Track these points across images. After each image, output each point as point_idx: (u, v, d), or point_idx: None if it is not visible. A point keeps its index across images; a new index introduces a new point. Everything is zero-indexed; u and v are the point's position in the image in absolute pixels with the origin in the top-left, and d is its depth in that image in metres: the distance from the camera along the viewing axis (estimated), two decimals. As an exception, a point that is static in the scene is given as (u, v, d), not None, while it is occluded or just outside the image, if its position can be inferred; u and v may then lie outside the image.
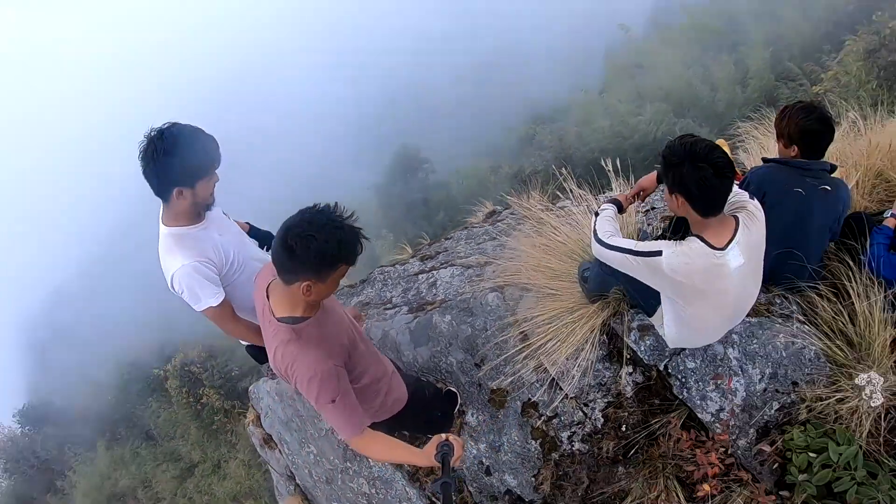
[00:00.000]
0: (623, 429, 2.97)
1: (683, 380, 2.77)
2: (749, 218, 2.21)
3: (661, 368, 2.81)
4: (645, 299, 2.58)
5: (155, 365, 19.60)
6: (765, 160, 2.85)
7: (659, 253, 2.17)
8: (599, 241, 2.37)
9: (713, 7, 20.69)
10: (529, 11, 30.42)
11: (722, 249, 2.13)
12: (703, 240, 2.15)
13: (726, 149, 3.85)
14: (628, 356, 2.91)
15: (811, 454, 2.56)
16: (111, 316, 25.66)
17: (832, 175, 2.73)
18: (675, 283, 2.24)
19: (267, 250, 2.89)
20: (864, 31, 10.36)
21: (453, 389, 3.23)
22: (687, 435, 2.63)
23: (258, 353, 2.82)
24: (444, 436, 2.01)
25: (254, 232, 3.01)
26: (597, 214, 2.54)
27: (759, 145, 4.28)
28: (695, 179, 2.05)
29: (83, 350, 24.46)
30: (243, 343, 2.86)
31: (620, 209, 2.60)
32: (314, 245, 1.76)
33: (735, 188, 2.29)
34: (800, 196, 2.64)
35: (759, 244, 2.26)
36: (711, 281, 2.19)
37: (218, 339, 17.06)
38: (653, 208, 3.81)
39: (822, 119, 2.63)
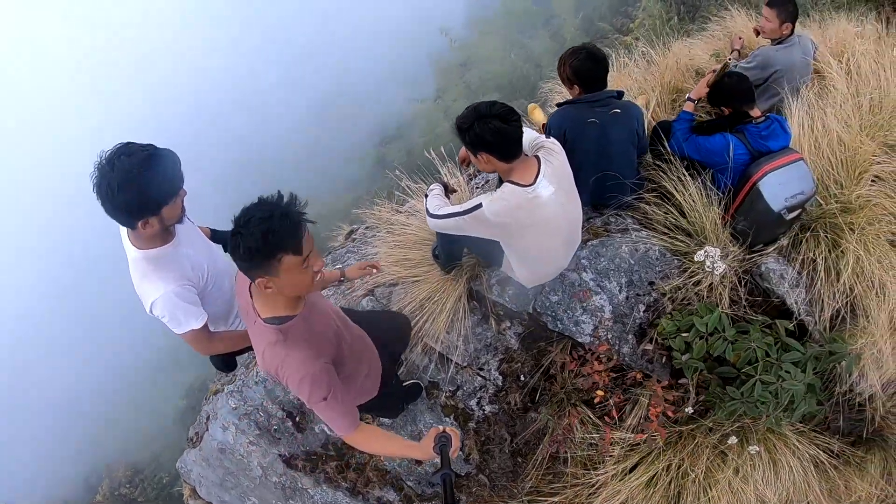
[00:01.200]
0: (522, 378, 3.06)
1: (554, 314, 2.89)
2: (548, 153, 2.45)
3: (531, 311, 2.91)
4: (490, 253, 2.72)
5: (86, 499, 17.75)
6: (558, 105, 3.08)
7: (479, 205, 2.37)
8: (432, 215, 2.55)
9: None
10: (352, 38, 30.88)
11: (531, 185, 2.35)
12: (513, 182, 2.37)
13: (538, 111, 4.12)
14: (501, 312, 2.99)
15: (683, 335, 2.74)
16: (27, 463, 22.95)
17: (621, 100, 2.99)
18: (503, 226, 2.43)
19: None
20: None
21: (419, 382, 3.19)
22: (570, 358, 2.73)
23: (222, 362, 2.76)
24: (441, 427, 1.99)
25: (216, 236, 2.74)
26: (426, 196, 2.71)
27: (564, 97, 4.64)
28: (487, 132, 2.27)
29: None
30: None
31: (447, 189, 2.78)
32: (242, 242, 1.68)
33: (532, 133, 2.58)
34: (594, 125, 2.90)
35: (563, 171, 2.49)
36: (532, 212, 2.39)
37: (139, 451, 16.08)
38: (478, 174, 4.00)
39: (588, 56, 2.90)
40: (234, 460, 3.49)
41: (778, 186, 2.82)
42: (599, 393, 2.72)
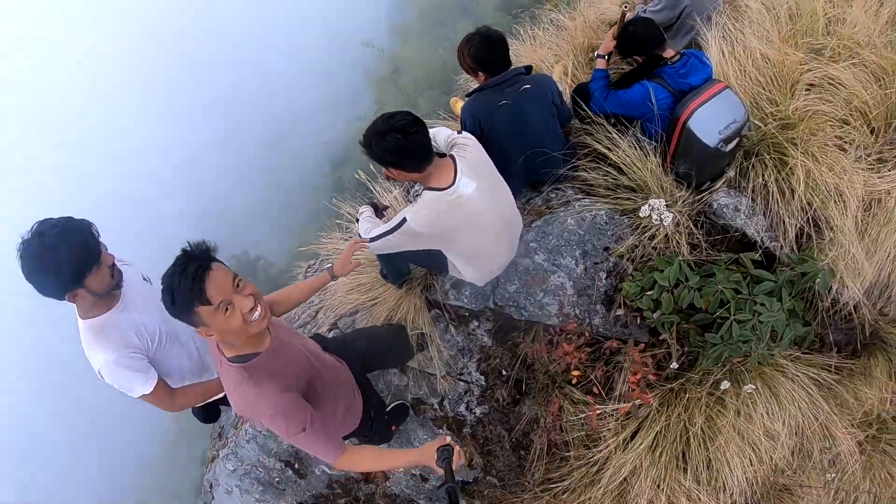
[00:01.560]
0: (504, 373, 3.00)
1: (516, 303, 2.83)
2: (461, 149, 2.37)
3: (493, 306, 2.84)
4: (433, 262, 2.66)
5: None
6: (467, 95, 2.99)
7: (404, 220, 2.31)
8: (363, 240, 2.48)
9: None
10: (280, 75, 30.73)
11: (451, 186, 2.27)
12: (432, 188, 2.30)
13: (460, 104, 4.02)
14: (465, 313, 2.92)
15: (648, 293, 2.68)
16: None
17: (530, 75, 2.90)
18: (434, 235, 2.37)
19: None
20: None
21: (404, 402, 3.14)
22: (540, 345, 2.67)
23: (202, 414, 2.75)
24: (447, 438, 1.96)
25: None
26: (357, 221, 2.65)
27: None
28: (387, 148, 2.20)
29: None
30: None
31: (377, 209, 2.71)
32: (162, 300, 1.71)
33: (445, 132, 2.50)
34: (507, 106, 2.81)
35: (480, 162, 2.41)
36: (457, 214, 2.32)
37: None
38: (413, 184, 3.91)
39: (483, 39, 2.81)
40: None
41: (708, 121, 2.74)
42: (575, 373, 2.66)
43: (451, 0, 20.14)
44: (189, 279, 1.68)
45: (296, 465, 3.37)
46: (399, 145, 2.16)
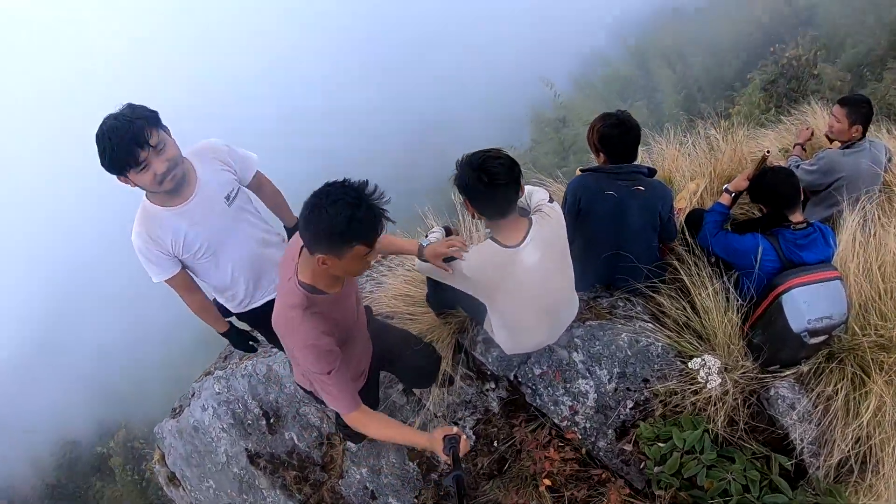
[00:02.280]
0: (495, 444, 2.95)
1: (534, 387, 2.77)
2: (542, 217, 2.33)
3: (512, 378, 2.80)
4: (473, 309, 2.63)
5: (97, 442, 18.75)
6: (581, 171, 2.93)
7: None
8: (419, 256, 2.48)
9: (629, 57, 21.71)
10: (455, 70, 31.35)
11: (514, 247, 2.25)
12: (495, 240, 2.29)
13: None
14: (487, 371, 2.89)
15: (661, 444, 2.56)
16: (48, 393, 24.52)
17: (651, 177, 2.81)
18: (475, 283, 2.36)
19: None
20: (764, 62, 11.46)
21: None
22: (532, 437, 2.61)
23: (239, 340, 2.81)
24: (453, 428, 2.00)
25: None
26: (426, 236, 2.65)
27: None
28: (469, 185, 2.20)
29: (21, 430, 23.21)
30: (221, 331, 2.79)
31: (448, 233, 2.70)
32: (325, 218, 1.70)
33: (540, 195, 2.44)
34: (612, 198, 2.74)
35: (555, 239, 2.37)
36: (505, 276, 2.30)
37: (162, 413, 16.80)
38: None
39: (617, 123, 2.76)
40: (203, 441, 3.59)
41: (803, 304, 2.56)
42: (546, 481, 2.57)
43: (637, 78, 20.02)
44: (374, 216, 1.75)
45: (271, 420, 3.46)
46: (478, 188, 2.16)
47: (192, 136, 2.61)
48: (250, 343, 2.85)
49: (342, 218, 1.69)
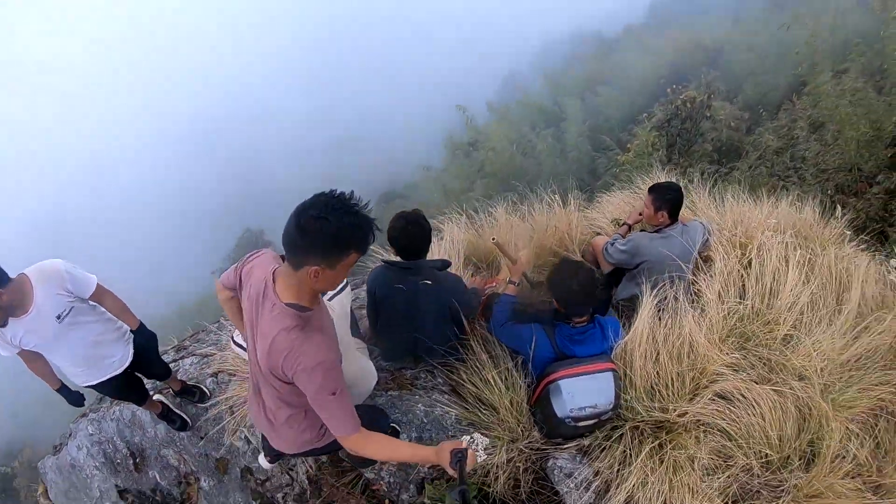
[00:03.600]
0: (323, 489, 3.23)
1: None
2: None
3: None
4: None
5: (1, 462, 19.23)
6: (383, 260, 3.21)
7: None
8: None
9: (544, 88, 22.51)
10: (385, 92, 31.58)
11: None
12: None
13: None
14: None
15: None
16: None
17: (443, 271, 3.05)
18: None
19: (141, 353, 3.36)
20: (661, 102, 12.21)
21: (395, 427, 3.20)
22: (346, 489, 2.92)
23: (70, 397, 3.25)
24: (462, 441, 2.05)
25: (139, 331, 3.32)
26: None
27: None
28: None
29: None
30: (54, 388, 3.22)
31: None
32: (327, 227, 1.69)
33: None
34: (402, 291, 2.98)
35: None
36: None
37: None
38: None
39: (405, 225, 2.93)
40: (80, 478, 3.93)
41: (566, 395, 2.77)
42: None
43: (549, 108, 20.62)
44: (369, 224, 1.77)
45: (137, 460, 3.80)
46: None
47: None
48: (80, 398, 3.32)
49: (346, 224, 1.70)
